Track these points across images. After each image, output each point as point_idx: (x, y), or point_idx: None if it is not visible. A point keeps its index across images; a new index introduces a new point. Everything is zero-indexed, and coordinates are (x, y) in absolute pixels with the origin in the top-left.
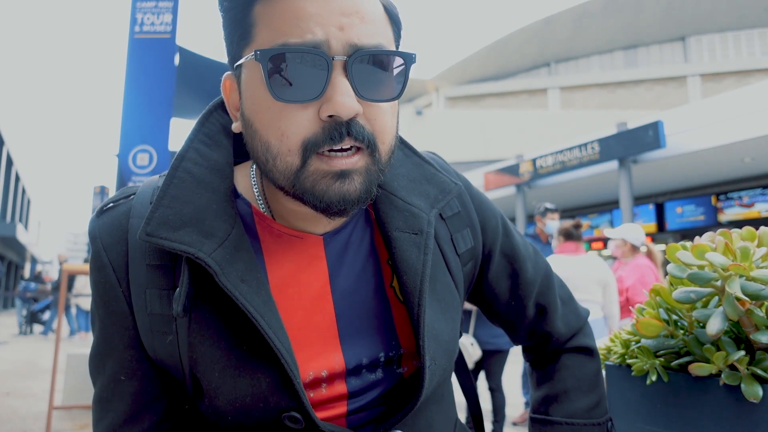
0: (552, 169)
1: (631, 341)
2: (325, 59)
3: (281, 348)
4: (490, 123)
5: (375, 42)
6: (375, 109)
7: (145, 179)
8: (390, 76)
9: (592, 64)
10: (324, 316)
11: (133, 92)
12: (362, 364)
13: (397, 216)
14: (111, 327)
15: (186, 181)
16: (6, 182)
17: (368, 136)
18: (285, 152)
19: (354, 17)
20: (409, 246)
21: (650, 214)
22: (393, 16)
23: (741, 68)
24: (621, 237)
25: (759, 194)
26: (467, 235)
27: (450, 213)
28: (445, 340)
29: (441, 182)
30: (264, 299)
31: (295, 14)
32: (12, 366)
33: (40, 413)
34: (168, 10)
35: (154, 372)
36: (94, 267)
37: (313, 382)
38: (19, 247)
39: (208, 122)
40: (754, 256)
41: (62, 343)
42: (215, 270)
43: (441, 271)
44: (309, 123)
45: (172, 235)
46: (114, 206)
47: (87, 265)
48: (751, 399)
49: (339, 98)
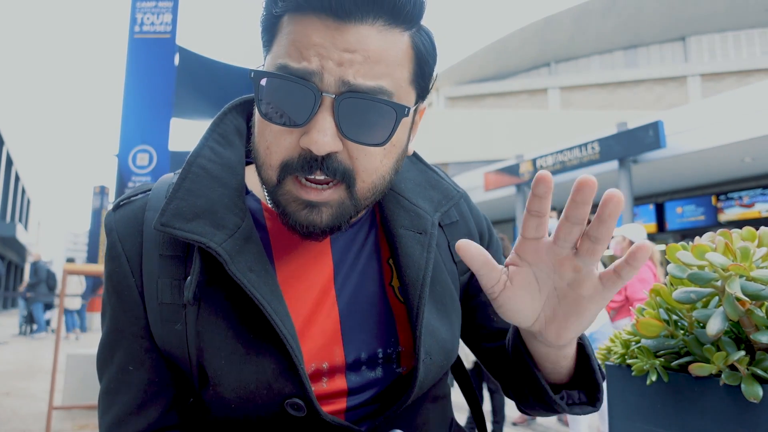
0: (552, 169)
1: (631, 341)
2: (314, 93)
3: (287, 334)
4: (490, 123)
5: (373, 84)
6: (359, 150)
7: (144, 179)
8: (381, 120)
9: (592, 64)
10: (327, 311)
11: (133, 92)
12: (361, 359)
13: (404, 215)
14: (122, 316)
15: (200, 175)
16: (6, 182)
17: (344, 172)
18: (267, 165)
19: (357, 54)
20: (414, 243)
21: (650, 214)
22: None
23: (741, 68)
24: (621, 234)
25: (759, 194)
26: None
27: (448, 221)
28: (443, 338)
29: (445, 188)
30: (271, 288)
31: (300, 39)
32: (12, 366)
33: (40, 413)
34: (168, 10)
35: (162, 363)
36: (109, 257)
37: (314, 374)
38: (19, 247)
39: (222, 123)
40: (754, 256)
41: (62, 343)
42: (225, 259)
43: (441, 273)
44: (290, 147)
45: (185, 225)
46: (130, 201)
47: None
48: (751, 399)
49: (315, 135)
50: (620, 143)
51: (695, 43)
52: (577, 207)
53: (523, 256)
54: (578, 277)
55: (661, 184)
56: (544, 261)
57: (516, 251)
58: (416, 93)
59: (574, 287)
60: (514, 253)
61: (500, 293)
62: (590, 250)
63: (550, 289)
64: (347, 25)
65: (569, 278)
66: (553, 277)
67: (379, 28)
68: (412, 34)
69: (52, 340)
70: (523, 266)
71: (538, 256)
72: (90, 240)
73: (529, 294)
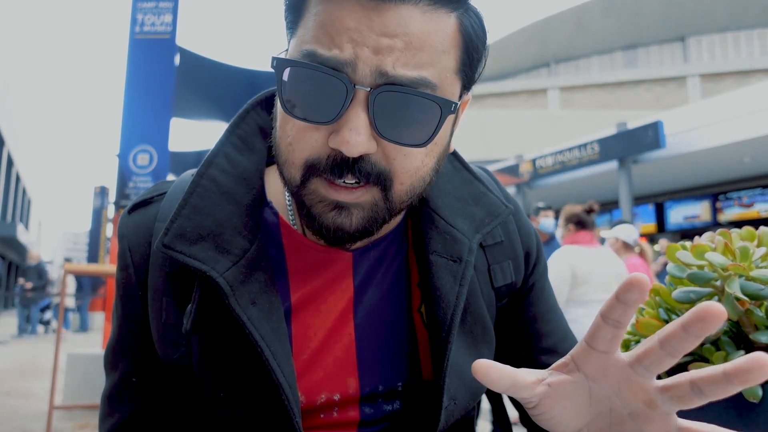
0: (552, 169)
1: (631, 341)
2: (346, 85)
3: (284, 382)
4: (490, 123)
5: (416, 74)
6: (397, 149)
7: (145, 179)
8: (423, 117)
9: (592, 64)
10: (343, 338)
11: (133, 92)
12: (379, 391)
13: (437, 238)
14: (127, 330)
15: (210, 190)
16: (6, 182)
17: (379, 174)
18: (290, 163)
19: (398, 39)
20: (446, 273)
21: (650, 214)
22: (468, 40)
23: (741, 68)
24: (614, 236)
25: (759, 194)
26: (507, 268)
27: (491, 242)
28: (470, 377)
29: (490, 203)
30: (274, 325)
31: (331, 22)
32: (12, 366)
33: (41, 413)
34: (168, 10)
35: (165, 377)
36: (120, 266)
37: (324, 404)
38: (20, 247)
39: (243, 123)
40: (753, 256)
41: (62, 343)
42: (226, 291)
43: (475, 300)
44: (316, 145)
45: (187, 249)
46: (144, 205)
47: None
48: (751, 399)
49: (347, 134)
50: (620, 143)
51: (695, 44)
52: (686, 338)
53: (582, 368)
54: (649, 414)
55: (660, 184)
56: (608, 380)
57: (574, 359)
58: (461, 84)
59: (639, 421)
60: (571, 360)
61: (539, 403)
62: (685, 397)
63: (603, 410)
64: (386, 5)
65: (635, 409)
66: (613, 399)
67: (423, 9)
68: (460, 15)
69: (52, 340)
70: (577, 378)
71: (603, 372)
72: (90, 240)
73: (575, 408)
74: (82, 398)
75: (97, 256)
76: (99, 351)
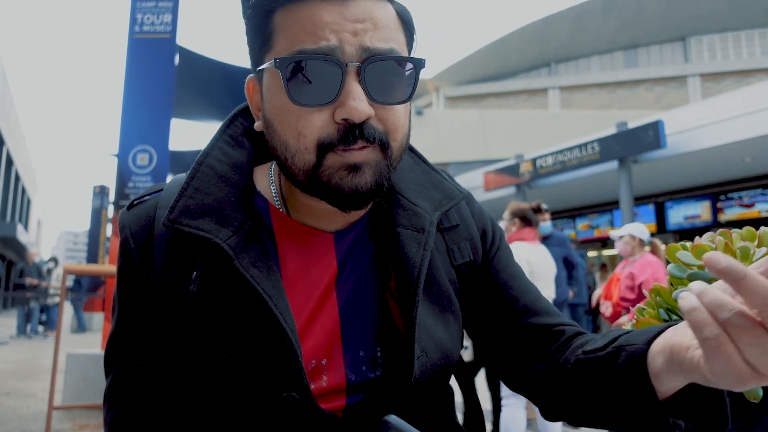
0: (552, 169)
1: None
2: (339, 65)
3: (287, 328)
4: (490, 123)
5: (387, 47)
6: (387, 111)
7: (144, 179)
8: (401, 79)
9: (592, 64)
10: (328, 310)
11: (132, 92)
12: (360, 357)
13: (403, 214)
14: (130, 312)
15: (208, 174)
16: (6, 182)
17: (380, 135)
18: (303, 150)
19: (368, 23)
20: (411, 241)
21: (650, 214)
22: (406, 21)
23: (741, 68)
24: (628, 233)
25: (759, 194)
26: (465, 248)
27: (448, 225)
28: (439, 337)
29: (447, 189)
30: (274, 283)
31: (311, 22)
32: (12, 366)
33: (40, 413)
34: (168, 10)
35: (166, 360)
36: (121, 253)
37: (314, 370)
38: (19, 247)
39: (232, 125)
40: (754, 256)
41: (62, 343)
42: (230, 254)
43: (438, 274)
44: (324, 124)
45: (192, 222)
46: (143, 200)
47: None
48: (751, 399)
49: (352, 103)
50: (620, 143)
51: (695, 44)
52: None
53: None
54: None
55: (661, 184)
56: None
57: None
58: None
59: None
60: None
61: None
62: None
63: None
64: (350, 1)
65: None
66: None
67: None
68: (393, 4)
69: (51, 340)
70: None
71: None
72: (90, 240)
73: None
74: (82, 398)
75: (97, 256)
76: (98, 351)
